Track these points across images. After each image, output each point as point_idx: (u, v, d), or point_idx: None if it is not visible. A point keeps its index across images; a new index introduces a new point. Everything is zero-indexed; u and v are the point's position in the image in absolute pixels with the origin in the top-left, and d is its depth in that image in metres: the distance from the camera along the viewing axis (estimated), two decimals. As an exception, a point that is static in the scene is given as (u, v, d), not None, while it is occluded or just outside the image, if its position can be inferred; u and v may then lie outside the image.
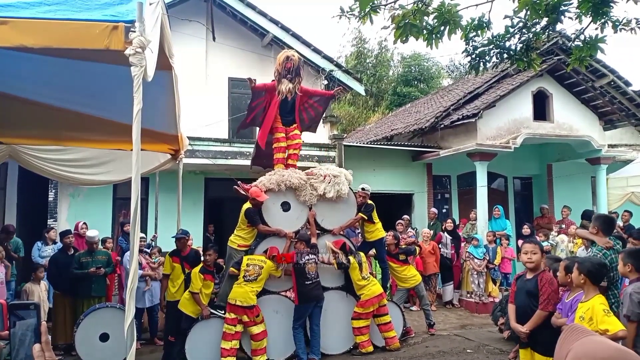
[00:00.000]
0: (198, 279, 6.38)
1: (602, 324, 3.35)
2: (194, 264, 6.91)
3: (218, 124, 11.19)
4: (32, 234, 9.79)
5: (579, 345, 1.17)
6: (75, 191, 10.19)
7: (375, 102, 30.84)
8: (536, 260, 4.17)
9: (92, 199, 10.28)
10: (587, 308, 3.54)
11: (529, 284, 4.27)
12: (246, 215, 6.80)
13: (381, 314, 7.14)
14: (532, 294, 4.18)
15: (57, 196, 10.16)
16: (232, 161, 10.18)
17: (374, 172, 11.74)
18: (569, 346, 1.18)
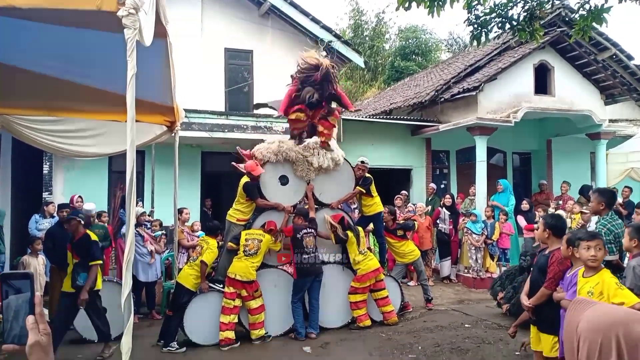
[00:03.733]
0: (214, 252, 6.43)
1: (615, 297, 3.28)
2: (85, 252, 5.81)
3: (214, 96, 10.97)
4: (28, 207, 9.70)
5: (589, 313, 1.18)
6: (70, 164, 10.04)
7: (372, 76, 30.50)
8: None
9: (88, 172, 10.14)
10: (595, 282, 3.47)
11: (541, 259, 4.23)
12: (244, 189, 6.71)
13: (378, 288, 7.12)
14: (542, 270, 4.14)
15: (52, 169, 10.02)
16: (229, 134, 10.02)
17: (373, 146, 11.62)
18: (578, 317, 1.19)
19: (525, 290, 4.43)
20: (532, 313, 4.26)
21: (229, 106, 11.29)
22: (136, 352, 3.39)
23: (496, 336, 6.53)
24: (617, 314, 1.15)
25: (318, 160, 7.00)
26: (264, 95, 11.38)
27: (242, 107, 11.32)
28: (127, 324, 2.73)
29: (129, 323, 2.73)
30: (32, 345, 1.09)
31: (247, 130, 10.03)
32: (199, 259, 6.33)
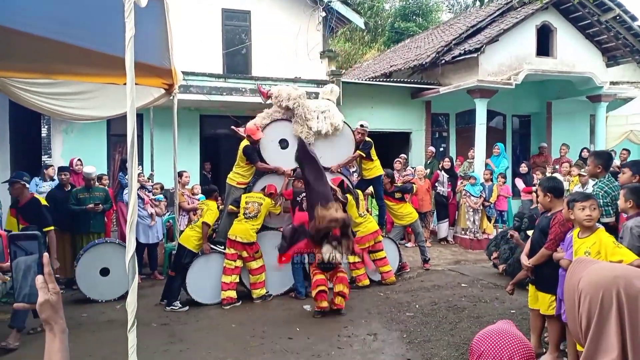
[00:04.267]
0: (215, 213, 6.48)
1: (613, 255, 3.36)
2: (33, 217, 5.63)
3: (212, 58, 10.82)
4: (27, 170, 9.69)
5: (590, 270, 1.19)
6: (68, 127, 10.01)
7: (372, 38, 29.97)
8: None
9: (86, 135, 10.12)
10: (592, 242, 3.55)
11: (543, 221, 4.30)
12: (244, 152, 6.73)
13: (377, 249, 7.24)
14: (544, 232, 4.23)
15: (51, 132, 9.99)
16: (227, 97, 9.95)
17: (372, 109, 11.56)
18: (579, 275, 1.20)
19: (525, 251, 4.53)
20: (531, 273, 4.37)
21: (227, 69, 11.16)
22: (140, 311, 3.49)
23: (492, 295, 6.70)
24: (618, 269, 1.17)
25: (317, 125, 6.99)
26: (262, 58, 11.25)
27: (240, 69, 11.19)
28: (132, 283, 2.80)
29: (133, 283, 2.80)
30: (42, 303, 1.12)
31: (246, 93, 9.95)
32: (200, 220, 6.41)
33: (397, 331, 5.46)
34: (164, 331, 5.61)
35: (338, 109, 7.54)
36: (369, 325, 5.71)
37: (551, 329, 4.37)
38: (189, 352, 4.98)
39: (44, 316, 1.13)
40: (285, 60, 11.02)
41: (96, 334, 5.44)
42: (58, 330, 1.14)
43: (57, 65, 6.25)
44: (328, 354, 4.86)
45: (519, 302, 6.10)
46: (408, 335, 5.30)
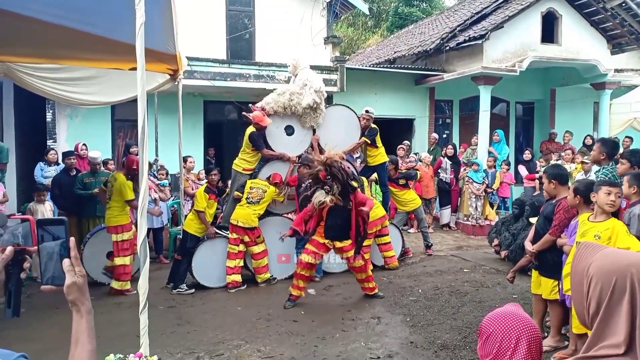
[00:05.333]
0: (203, 198, 6.48)
1: (622, 242, 3.42)
2: None
3: (215, 43, 10.79)
4: (32, 155, 9.77)
5: (601, 255, 1.19)
6: (73, 112, 10.04)
7: (375, 23, 29.74)
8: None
9: (91, 120, 10.15)
10: (606, 227, 3.59)
11: (548, 208, 4.37)
12: (250, 139, 6.75)
13: (382, 234, 7.32)
14: (548, 219, 4.29)
15: (55, 117, 10.03)
16: (231, 83, 9.95)
17: (376, 96, 11.57)
18: (588, 260, 1.20)
19: (529, 237, 4.60)
20: (535, 258, 4.44)
21: (231, 54, 11.13)
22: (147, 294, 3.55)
23: (494, 280, 6.78)
24: (631, 257, 1.17)
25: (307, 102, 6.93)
26: (266, 43, 11.22)
27: (243, 55, 11.17)
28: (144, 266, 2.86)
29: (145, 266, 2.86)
30: (69, 285, 1.17)
31: (250, 79, 9.96)
32: (192, 211, 6.52)
33: (400, 315, 5.55)
34: (171, 313, 5.71)
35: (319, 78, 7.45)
36: (372, 309, 5.80)
37: (553, 313, 4.45)
38: (196, 334, 5.07)
39: (71, 298, 1.17)
40: (289, 46, 10.98)
41: (104, 315, 5.53)
42: (85, 311, 1.18)
43: (63, 50, 6.26)
44: (332, 337, 4.95)
45: (521, 287, 6.18)
46: (411, 319, 5.39)
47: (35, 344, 4.61)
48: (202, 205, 6.46)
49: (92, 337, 1.18)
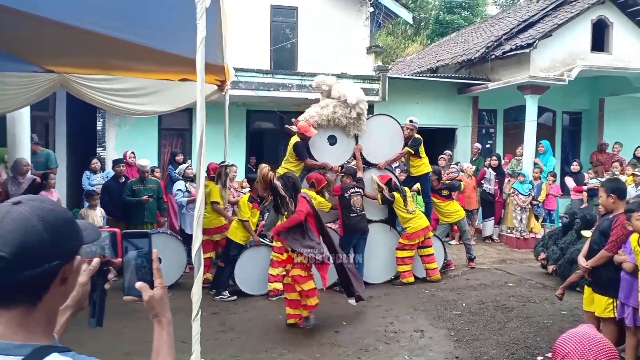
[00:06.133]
0: (247, 207, 6.56)
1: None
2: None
3: (260, 54, 10.98)
4: (81, 162, 10.15)
5: None
6: (121, 121, 10.38)
7: (414, 31, 29.58)
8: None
9: (138, 129, 10.47)
10: None
11: (604, 223, 4.23)
12: (294, 149, 6.82)
13: (425, 245, 7.24)
14: (604, 234, 4.16)
15: (105, 125, 10.39)
16: (274, 93, 10.09)
17: (417, 105, 11.47)
18: None
19: (583, 252, 4.45)
20: (588, 274, 4.30)
21: (274, 64, 11.30)
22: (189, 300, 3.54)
23: (541, 295, 6.58)
24: None
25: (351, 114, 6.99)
26: (308, 54, 11.33)
27: (286, 65, 11.31)
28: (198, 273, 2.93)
29: (199, 273, 2.93)
30: (147, 300, 1.21)
31: (292, 89, 10.07)
32: (236, 219, 6.59)
33: (444, 329, 5.45)
34: (214, 319, 5.78)
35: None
36: (415, 322, 5.73)
37: (606, 331, 4.28)
38: (240, 341, 5.13)
39: (152, 309, 1.21)
40: (331, 56, 11.07)
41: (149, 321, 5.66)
42: (165, 322, 1.23)
43: (116, 61, 6.50)
44: (376, 349, 4.91)
45: (570, 304, 5.98)
46: (456, 333, 5.29)
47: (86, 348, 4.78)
48: (247, 214, 6.55)
49: (172, 348, 1.22)
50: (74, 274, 1.05)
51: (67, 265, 1.01)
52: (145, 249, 1.23)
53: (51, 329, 1.03)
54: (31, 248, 0.94)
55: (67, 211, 1.07)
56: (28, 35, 5.21)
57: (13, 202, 0.99)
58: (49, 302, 1.01)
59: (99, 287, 1.19)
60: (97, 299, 1.20)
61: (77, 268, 1.06)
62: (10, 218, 0.95)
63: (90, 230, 1.12)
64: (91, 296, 1.18)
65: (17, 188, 6.96)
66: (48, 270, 0.97)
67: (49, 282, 0.98)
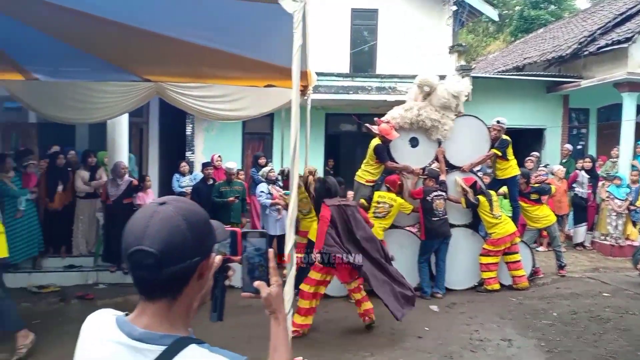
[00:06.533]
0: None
1: None
2: None
3: (339, 58, 11.08)
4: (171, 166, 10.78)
5: None
6: (209, 126, 10.91)
7: (497, 29, 28.46)
8: None
9: (224, 133, 10.95)
10: None
11: None
12: (375, 151, 6.81)
13: (512, 252, 6.97)
14: None
15: (194, 130, 10.96)
16: (353, 96, 10.15)
17: (503, 105, 11.04)
18: None
19: None
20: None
21: (353, 67, 11.36)
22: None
23: (641, 307, 6.11)
24: None
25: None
26: (387, 55, 11.29)
27: (365, 68, 11.34)
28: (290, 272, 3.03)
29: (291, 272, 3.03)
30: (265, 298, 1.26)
31: (372, 91, 10.08)
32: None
33: (534, 339, 5.22)
34: (297, 319, 5.91)
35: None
36: (502, 330, 5.53)
37: None
38: (321, 342, 5.21)
39: (269, 307, 1.27)
40: (411, 57, 10.94)
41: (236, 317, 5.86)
42: (282, 319, 1.28)
43: (207, 69, 6.86)
44: (461, 356, 4.81)
45: (676, 318, 5.51)
46: (547, 344, 5.05)
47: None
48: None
49: (288, 344, 1.27)
50: (209, 270, 1.13)
51: (204, 262, 1.09)
52: (263, 248, 1.30)
53: (188, 322, 1.11)
54: (176, 245, 1.02)
55: (204, 211, 1.15)
56: (129, 47, 5.60)
57: (159, 202, 1.08)
58: (188, 296, 1.09)
59: (220, 284, 1.27)
60: (219, 294, 1.27)
61: (212, 264, 1.14)
62: (157, 218, 1.03)
63: (220, 229, 1.21)
64: (213, 292, 1.26)
65: (116, 189, 7.51)
66: (189, 266, 1.05)
67: (189, 277, 1.07)
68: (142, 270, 1.02)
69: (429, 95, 6.89)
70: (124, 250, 1.05)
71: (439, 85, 6.92)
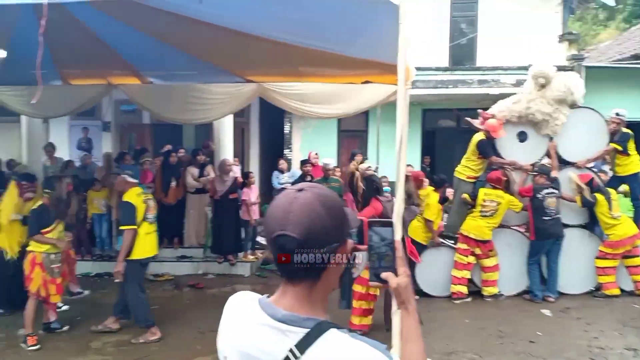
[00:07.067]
0: (436, 207, 6.44)
1: None
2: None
3: (438, 51, 10.78)
4: (271, 163, 11.13)
5: None
6: (306, 124, 11.12)
7: (608, 15, 26.17)
8: None
9: (320, 131, 11.11)
10: None
11: None
12: (478, 146, 6.55)
13: (632, 255, 6.38)
14: None
15: (292, 129, 11.23)
16: (453, 90, 9.84)
17: (620, 95, 10.11)
18: None
19: None
20: None
21: (452, 61, 11.01)
22: None
23: None
24: None
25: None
26: (488, 47, 10.81)
27: (464, 60, 10.94)
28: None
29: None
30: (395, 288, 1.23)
31: (473, 84, 9.70)
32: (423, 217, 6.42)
33: (663, 350, 4.73)
34: (398, 317, 5.84)
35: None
36: (624, 338, 5.09)
37: None
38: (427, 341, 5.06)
39: (399, 297, 1.25)
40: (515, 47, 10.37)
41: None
42: (412, 310, 1.25)
43: (306, 69, 6.99)
44: (579, 365, 4.48)
45: None
46: (681, 358, 4.55)
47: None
48: (434, 215, 6.43)
49: (420, 336, 1.24)
50: (346, 255, 1.13)
51: (341, 248, 1.11)
52: (389, 238, 1.28)
53: (326, 306, 1.12)
54: (317, 231, 1.04)
55: (340, 198, 1.16)
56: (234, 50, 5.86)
57: (297, 189, 1.10)
58: (326, 281, 1.10)
59: (348, 271, 1.26)
60: (347, 281, 1.27)
61: (348, 250, 1.14)
62: (298, 204, 1.05)
63: (353, 217, 1.21)
64: (341, 279, 1.25)
65: (222, 185, 7.89)
66: (328, 252, 1.06)
67: (328, 262, 1.08)
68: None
69: (544, 87, 6.46)
70: (266, 235, 1.09)
71: (555, 76, 6.48)
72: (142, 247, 5.02)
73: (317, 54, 5.93)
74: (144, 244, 5.04)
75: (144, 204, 5.09)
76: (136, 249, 4.98)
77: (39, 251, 4.96)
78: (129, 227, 4.97)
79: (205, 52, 5.86)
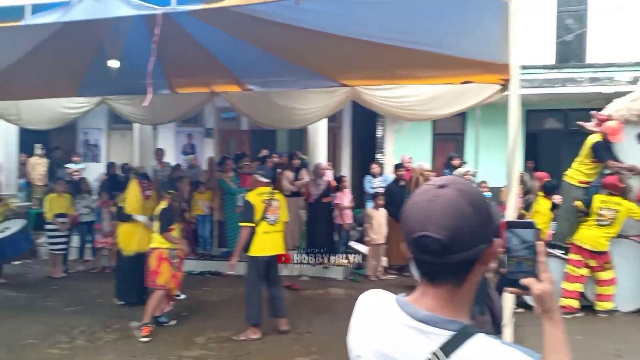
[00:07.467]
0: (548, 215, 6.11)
1: None
2: None
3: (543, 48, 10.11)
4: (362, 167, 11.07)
5: None
6: (399, 127, 10.95)
7: None
8: None
9: (413, 134, 10.88)
10: None
11: None
12: (595, 148, 6.03)
13: None
14: None
15: (384, 132, 11.12)
16: (560, 89, 9.18)
17: None
18: None
19: None
20: None
21: (559, 58, 10.27)
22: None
23: None
24: None
25: None
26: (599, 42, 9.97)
27: (572, 58, 10.17)
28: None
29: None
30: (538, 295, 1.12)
31: (583, 83, 8.98)
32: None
33: None
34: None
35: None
36: None
37: None
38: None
39: (542, 306, 1.14)
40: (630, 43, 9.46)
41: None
42: (557, 318, 1.13)
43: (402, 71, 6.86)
44: None
45: None
46: None
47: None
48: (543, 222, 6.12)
49: (567, 347, 1.12)
50: (493, 257, 1.05)
51: (489, 248, 1.03)
52: (530, 241, 1.18)
53: (469, 309, 1.05)
54: (463, 232, 0.97)
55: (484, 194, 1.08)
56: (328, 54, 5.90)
57: (437, 185, 1.03)
58: (471, 283, 1.04)
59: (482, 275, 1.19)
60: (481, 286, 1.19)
61: (496, 251, 1.06)
62: (439, 202, 0.98)
63: (498, 214, 1.12)
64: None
65: (316, 189, 7.98)
66: (476, 253, 0.99)
67: (474, 263, 1.01)
68: (428, 255, 0.99)
69: None
70: (406, 235, 1.02)
71: None
72: (259, 245, 5.17)
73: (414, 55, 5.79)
74: (261, 242, 5.18)
75: (264, 204, 5.23)
76: (254, 246, 5.17)
77: (164, 247, 5.33)
78: (244, 224, 5.18)
79: (301, 57, 5.96)
